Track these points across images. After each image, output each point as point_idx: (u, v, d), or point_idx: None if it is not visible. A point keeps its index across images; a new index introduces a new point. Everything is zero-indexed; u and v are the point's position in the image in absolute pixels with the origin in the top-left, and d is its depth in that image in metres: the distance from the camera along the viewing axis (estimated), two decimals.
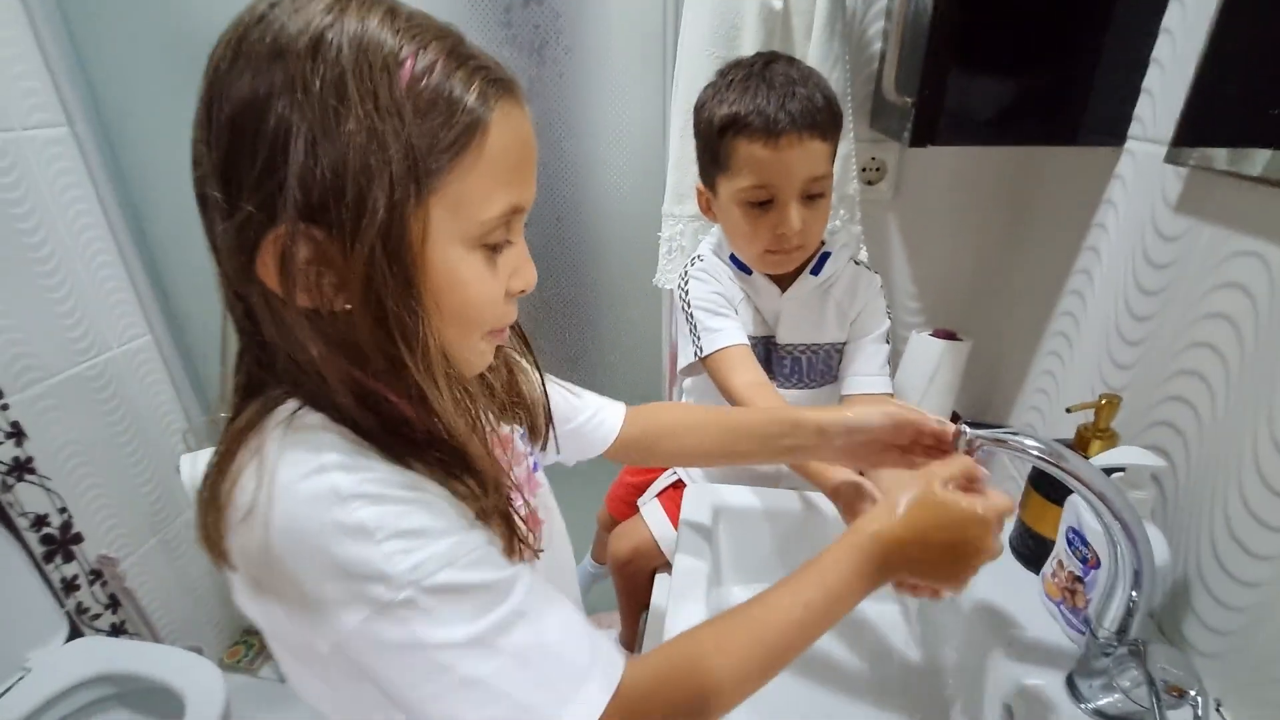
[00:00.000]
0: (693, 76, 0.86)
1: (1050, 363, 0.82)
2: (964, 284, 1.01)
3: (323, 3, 0.33)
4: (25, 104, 1.11)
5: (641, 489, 0.98)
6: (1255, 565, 0.49)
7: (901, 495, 0.48)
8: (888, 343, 0.81)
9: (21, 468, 1.15)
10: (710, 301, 0.78)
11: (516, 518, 0.43)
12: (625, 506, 1.02)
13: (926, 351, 0.95)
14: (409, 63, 0.33)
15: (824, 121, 0.66)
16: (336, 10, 0.33)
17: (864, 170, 0.98)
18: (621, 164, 1.08)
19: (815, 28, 0.82)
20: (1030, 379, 0.87)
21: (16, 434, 1.13)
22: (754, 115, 0.65)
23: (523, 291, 0.42)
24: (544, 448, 0.57)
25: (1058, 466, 0.49)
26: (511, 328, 0.51)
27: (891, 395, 0.78)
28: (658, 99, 1.02)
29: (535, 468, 0.55)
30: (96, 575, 1.28)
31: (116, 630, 1.32)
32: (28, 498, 1.15)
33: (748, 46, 0.84)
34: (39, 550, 1.18)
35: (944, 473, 0.49)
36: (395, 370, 0.36)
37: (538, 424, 0.56)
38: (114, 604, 1.31)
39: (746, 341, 0.77)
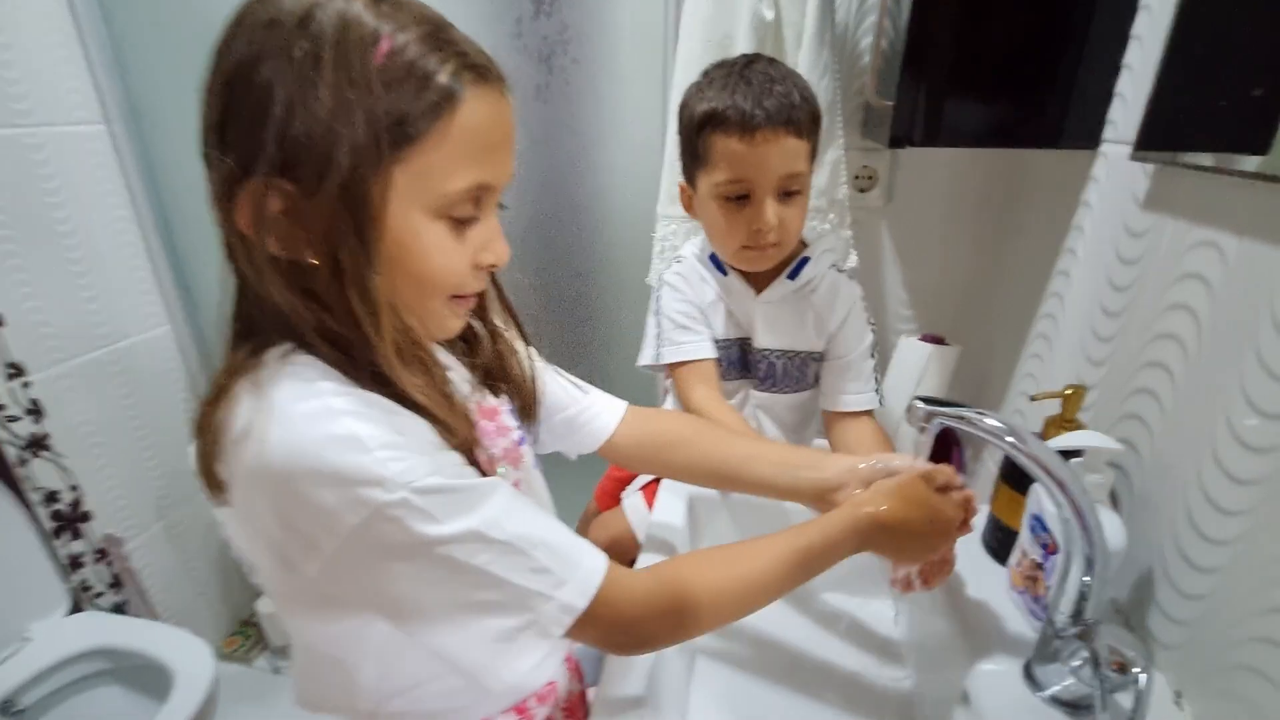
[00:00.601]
0: (687, 84, 0.89)
1: (1032, 365, 0.83)
2: (953, 290, 1.02)
3: None
4: (68, 101, 1.19)
5: (628, 483, 0.99)
6: (1211, 550, 0.49)
7: (890, 482, 0.55)
8: (872, 357, 0.81)
9: (38, 444, 1.19)
10: (679, 314, 0.80)
11: (478, 467, 0.44)
12: (613, 501, 1.03)
13: (914, 356, 0.96)
14: (386, 41, 0.36)
15: (800, 119, 0.67)
16: None
17: (856, 178, 1.00)
18: (622, 167, 1.12)
19: (805, 37, 0.86)
20: (1015, 382, 0.88)
21: (36, 411, 1.18)
22: (731, 110, 0.67)
23: (494, 266, 0.45)
24: (531, 426, 0.59)
25: (1015, 447, 0.49)
26: (506, 311, 0.56)
27: (869, 413, 0.79)
28: (657, 106, 1.06)
29: (522, 441, 0.57)
30: (101, 554, 1.31)
31: (117, 609, 1.35)
32: (42, 473, 1.20)
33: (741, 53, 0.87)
34: (49, 525, 1.22)
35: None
36: (351, 319, 0.38)
37: (526, 402, 0.58)
38: (117, 583, 1.35)
39: (710, 355, 0.78)
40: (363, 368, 0.40)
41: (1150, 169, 0.61)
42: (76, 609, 1.24)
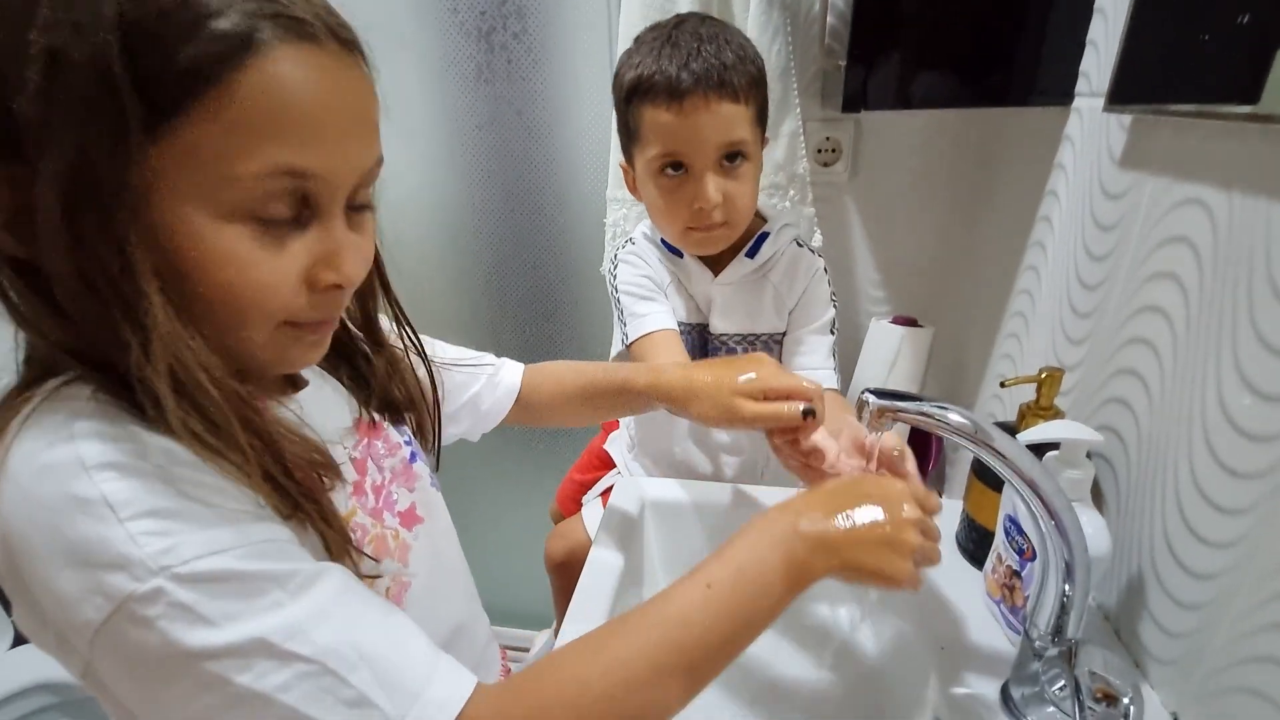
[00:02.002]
0: None
1: (1009, 345, 0.76)
2: (926, 267, 0.95)
3: None
4: None
5: (589, 487, 0.93)
6: (1209, 554, 0.43)
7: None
8: (833, 332, 0.75)
9: None
10: (637, 286, 0.74)
11: (329, 515, 0.36)
12: (574, 505, 0.97)
13: (885, 339, 0.89)
14: None
15: (736, 82, 0.60)
16: None
17: (819, 151, 0.93)
18: (571, 148, 1.05)
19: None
20: (992, 364, 0.81)
21: None
22: (657, 76, 0.60)
23: (336, 286, 0.35)
24: (430, 444, 0.53)
25: (977, 442, 0.43)
26: (396, 317, 0.48)
27: (838, 391, 0.72)
28: (604, 81, 0.98)
29: (414, 458, 0.50)
30: None
31: None
32: None
33: None
34: None
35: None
36: (117, 348, 0.29)
37: (422, 420, 0.52)
38: None
39: (673, 326, 0.72)
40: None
41: (1127, 121, 0.54)
42: (21, 641, 1.17)
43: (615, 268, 0.76)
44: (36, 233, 0.28)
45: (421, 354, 0.51)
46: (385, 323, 0.50)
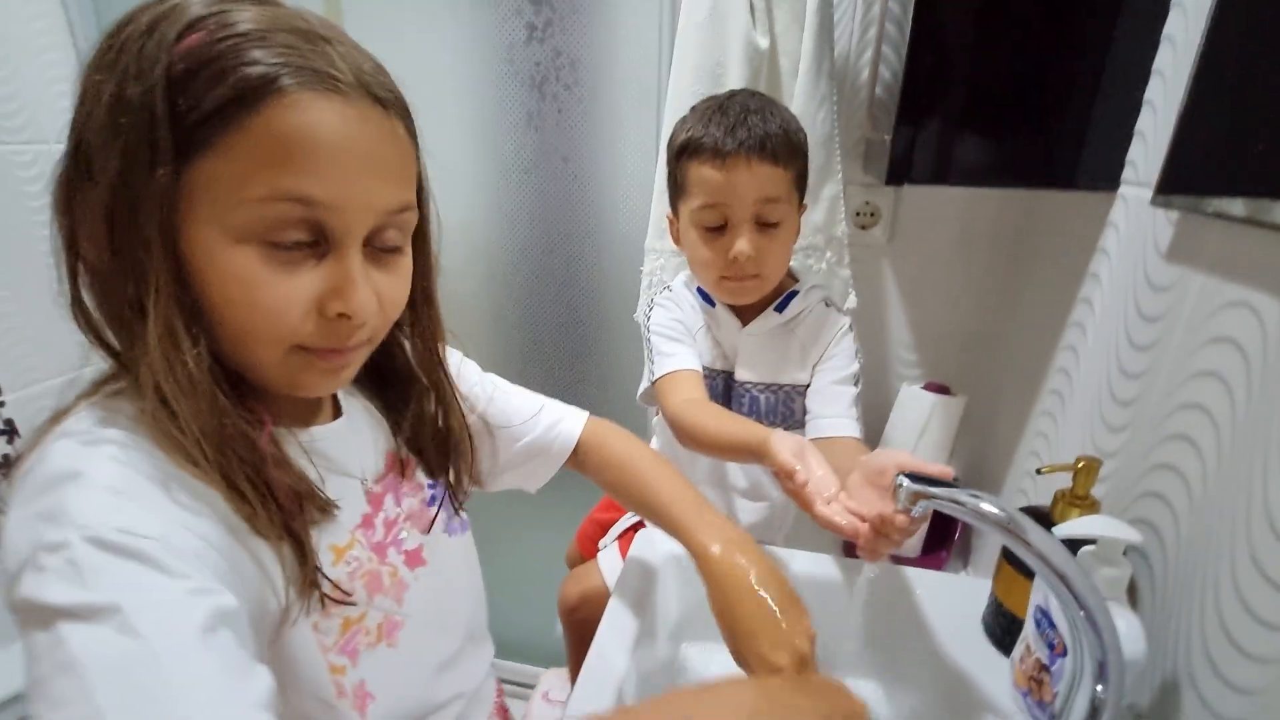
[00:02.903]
0: (677, 114, 0.85)
1: (1044, 423, 0.75)
2: (960, 335, 0.95)
3: None
4: (61, 120, 1.18)
5: (609, 527, 0.93)
6: (1249, 667, 0.41)
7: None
8: (856, 385, 0.75)
9: (9, 465, 1.16)
10: (668, 328, 0.77)
11: (302, 543, 0.38)
12: (594, 545, 0.97)
13: (916, 405, 0.89)
14: (195, 35, 0.32)
15: (776, 148, 0.65)
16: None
17: (857, 214, 0.95)
18: (614, 196, 1.08)
19: (801, 67, 0.81)
20: (1025, 440, 0.80)
21: (9, 431, 1.15)
22: (705, 138, 0.66)
23: (343, 316, 0.37)
24: (456, 490, 0.54)
25: (1012, 534, 0.42)
26: (429, 359, 0.49)
27: (858, 439, 0.72)
28: (651, 134, 1.01)
29: (432, 502, 0.52)
30: None
31: None
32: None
33: (733, 84, 0.82)
34: None
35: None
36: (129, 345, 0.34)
37: (457, 467, 0.53)
38: None
39: (696, 367, 0.75)
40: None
41: (1174, 216, 0.54)
42: None
43: (651, 310, 0.80)
44: (97, 232, 0.33)
45: (451, 387, 0.51)
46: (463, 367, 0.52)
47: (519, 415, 0.59)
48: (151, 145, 0.31)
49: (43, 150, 1.15)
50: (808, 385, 0.77)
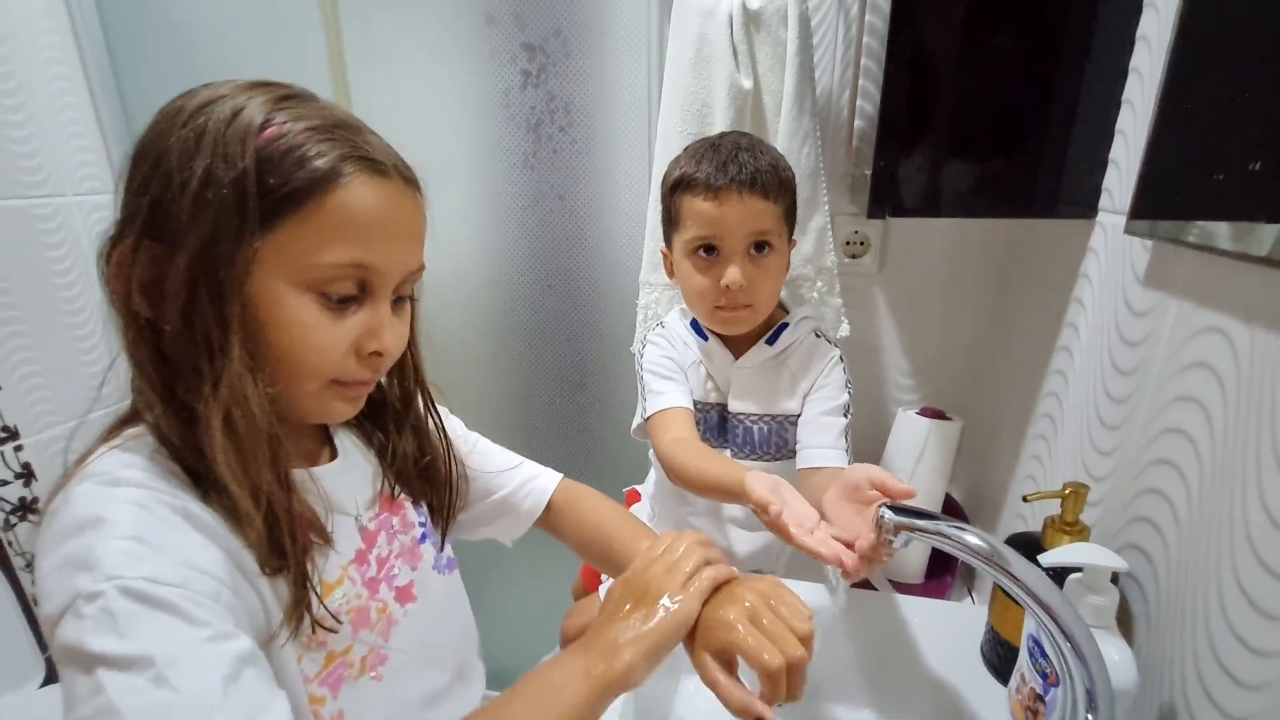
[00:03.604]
0: (666, 152, 0.88)
1: (1038, 447, 0.75)
2: (953, 360, 0.96)
3: (239, 85, 0.40)
4: (79, 173, 1.23)
5: None
6: (1242, 696, 0.41)
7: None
8: (845, 416, 0.76)
9: (27, 508, 1.19)
10: (660, 366, 0.78)
11: (306, 575, 0.42)
12: (597, 578, 0.97)
13: (912, 431, 0.89)
14: (272, 129, 0.38)
15: (766, 182, 0.67)
16: (244, 92, 0.40)
17: (847, 243, 0.96)
18: (609, 233, 1.10)
19: (784, 105, 0.83)
20: (1021, 464, 0.80)
21: (27, 474, 1.18)
22: (699, 173, 0.69)
23: (377, 354, 0.43)
24: (442, 526, 0.57)
25: (996, 566, 0.43)
26: (426, 400, 0.54)
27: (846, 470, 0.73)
28: (642, 172, 1.04)
29: (423, 539, 0.54)
30: None
31: None
32: (28, 538, 1.19)
33: (719, 123, 0.85)
34: (31, 591, 1.20)
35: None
36: (195, 382, 0.38)
37: (441, 503, 0.56)
38: None
39: (687, 405, 0.76)
40: (192, 448, 0.38)
41: (1149, 243, 0.55)
42: (53, 679, 1.20)
43: (644, 348, 0.81)
44: (163, 295, 0.38)
45: (440, 428, 0.56)
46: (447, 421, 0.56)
47: (495, 467, 0.62)
48: (241, 216, 0.37)
49: (62, 203, 1.20)
50: (799, 415, 0.78)
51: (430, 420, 0.55)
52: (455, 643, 0.57)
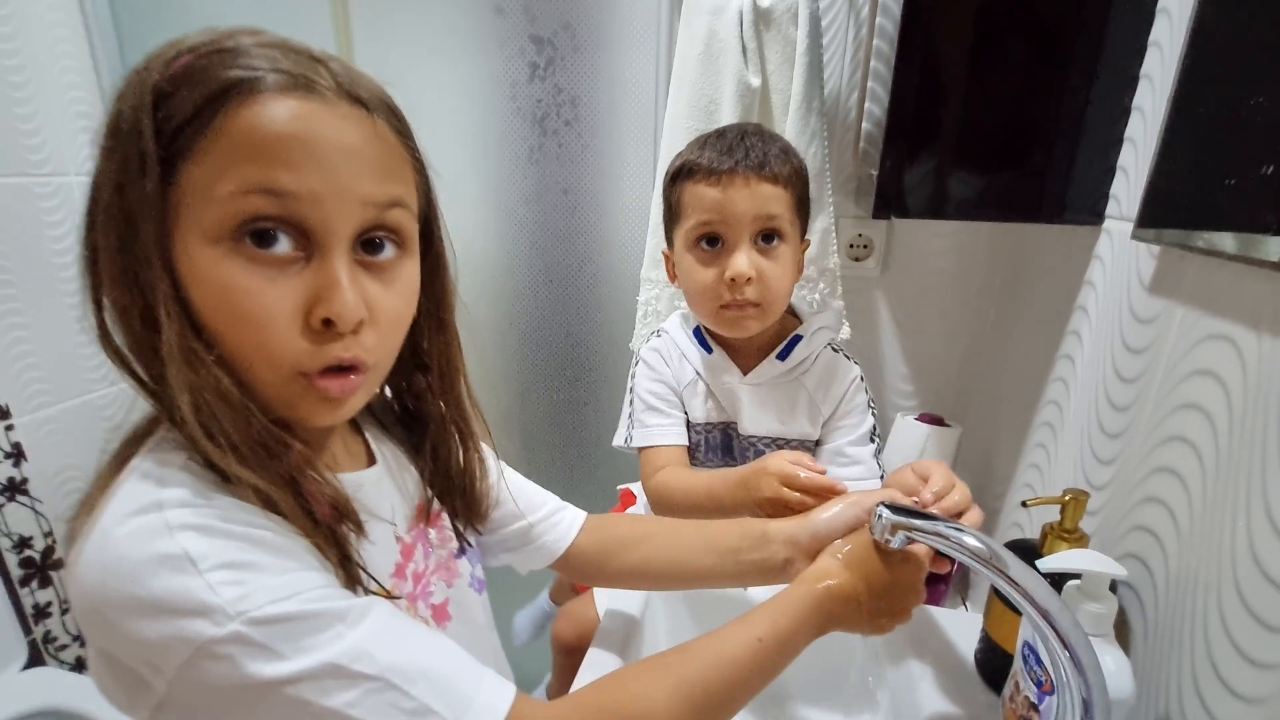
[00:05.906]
0: (672, 149, 0.87)
1: (1037, 455, 0.75)
2: (954, 365, 0.95)
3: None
4: (82, 154, 1.22)
5: None
6: (1242, 710, 0.40)
7: (843, 548, 0.49)
8: (873, 441, 0.73)
9: (15, 488, 1.18)
10: (649, 395, 0.75)
11: (356, 562, 0.39)
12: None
13: (910, 437, 0.89)
14: (185, 58, 0.32)
15: (777, 169, 0.63)
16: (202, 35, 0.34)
17: (851, 246, 0.96)
18: (612, 229, 1.10)
19: (792, 104, 0.83)
20: (1020, 472, 0.79)
21: (17, 454, 1.17)
22: (702, 159, 0.65)
23: (329, 323, 0.34)
24: (467, 536, 0.53)
25: (993, 568, 0.42)
26: (473, 409, 0.49)
27: None
28: (648, 168, 1.04)
29: (461, 554, 0.52)
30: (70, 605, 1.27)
31: (81, 664, 1.30)
32: (15, 519, 1.18)
33: (726, 121, 0.85)
34: (16, 573, 1.19)
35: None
36: (160, 375, 0.33)
37: (471, 515, 0.52)
38: (82, 638, 1.30)
39: (678, 442, 0.73)
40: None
41: (1155, 250, 0.55)
42: (36, 662, 1.19)
43: (636, 365, 0.78)
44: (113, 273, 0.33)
45: (486, 430, 0.51)
46: None
47: (523, 496, 0.57)
48: (141, 158, 0.31)
49: (64, 183, 1.19)
50: (817, 440, 0.74)
51: (469, 423, 0.50)
52: (488, 661, 0.54)
